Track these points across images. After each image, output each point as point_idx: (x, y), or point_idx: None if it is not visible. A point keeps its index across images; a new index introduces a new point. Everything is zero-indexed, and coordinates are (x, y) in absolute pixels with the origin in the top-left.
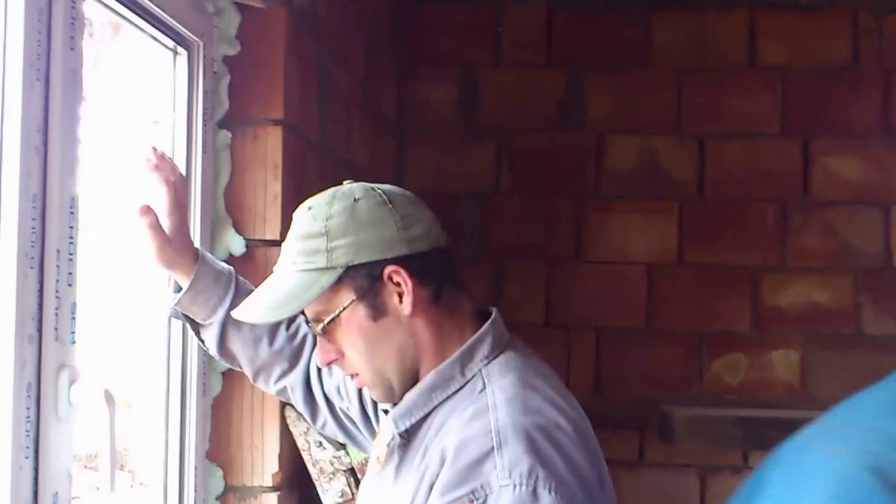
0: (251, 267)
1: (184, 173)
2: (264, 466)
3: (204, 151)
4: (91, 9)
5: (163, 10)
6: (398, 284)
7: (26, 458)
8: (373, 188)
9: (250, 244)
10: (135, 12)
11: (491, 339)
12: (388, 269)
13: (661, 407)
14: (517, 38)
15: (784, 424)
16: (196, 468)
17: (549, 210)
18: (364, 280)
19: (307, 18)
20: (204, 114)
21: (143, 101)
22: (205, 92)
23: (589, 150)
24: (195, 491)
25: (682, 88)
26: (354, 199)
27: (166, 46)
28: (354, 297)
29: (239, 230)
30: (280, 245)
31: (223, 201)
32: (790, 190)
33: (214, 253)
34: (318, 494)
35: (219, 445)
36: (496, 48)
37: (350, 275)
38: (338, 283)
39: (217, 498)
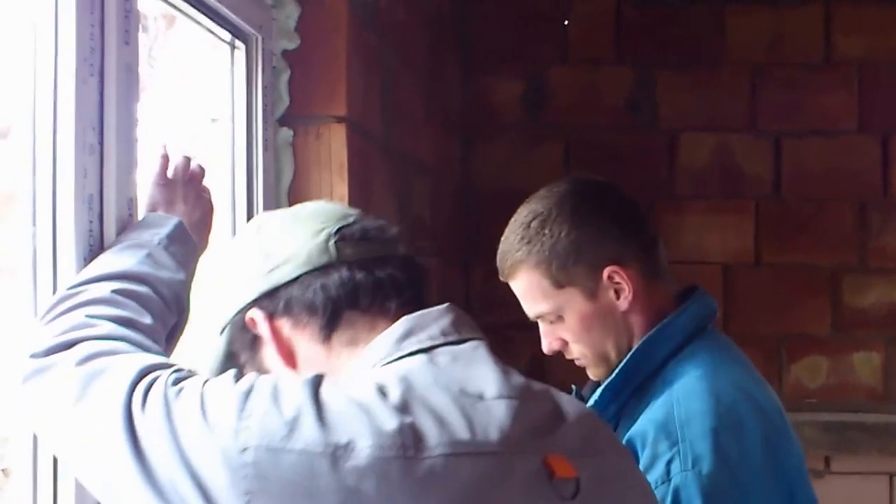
0: None
1: (242, 175)
2: None
3: (265, 150)
4: (145, 1)
5: (219, 1)
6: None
7: None
8: None
9: None
10: (190, 3)
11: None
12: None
13: None
14: (585, 33)
15: (870, 428)
16: None
17: None
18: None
19: (369, 10)
20: (264, 110)
21: (200, 98)
22: (264, 87)
23: (661, 149)
24: None
25: (756, 85)
26: None
27: (223, 40)
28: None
29: None
30: None
31: (287, 203)
32: (869, 189)
33: None
34: None
35: None
36: (563, 43)
37: None
38: None
39: None
